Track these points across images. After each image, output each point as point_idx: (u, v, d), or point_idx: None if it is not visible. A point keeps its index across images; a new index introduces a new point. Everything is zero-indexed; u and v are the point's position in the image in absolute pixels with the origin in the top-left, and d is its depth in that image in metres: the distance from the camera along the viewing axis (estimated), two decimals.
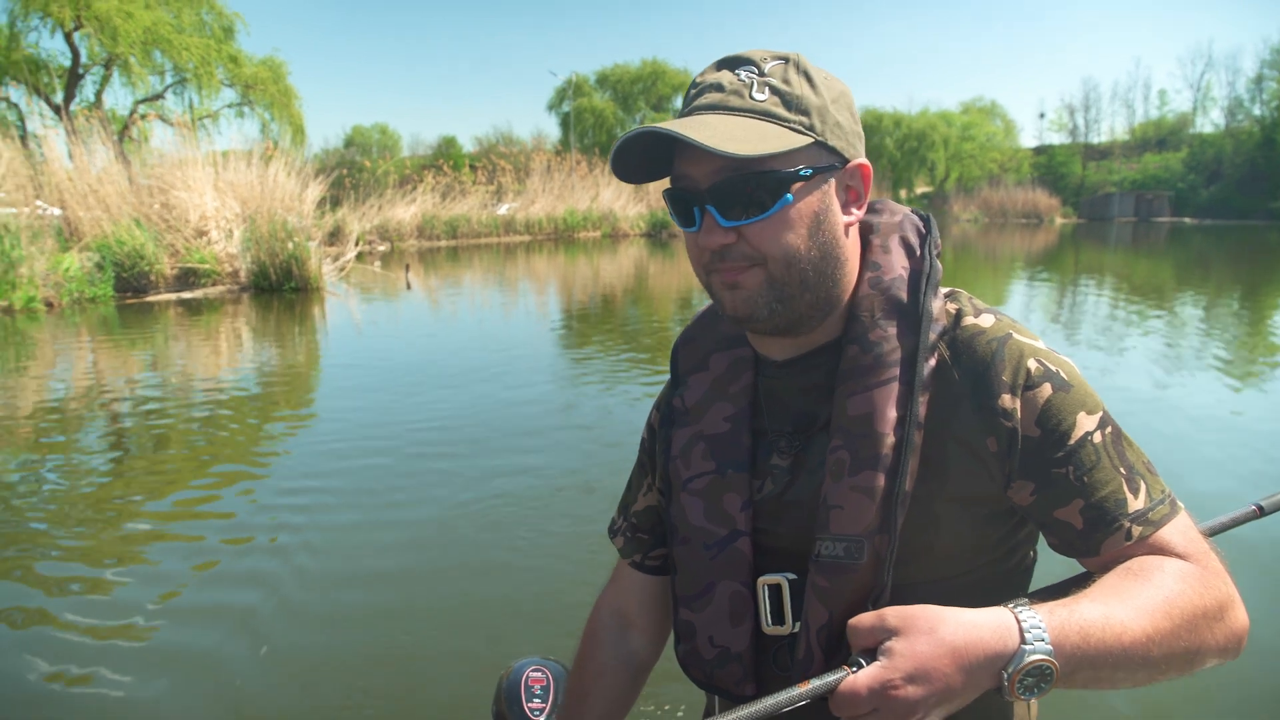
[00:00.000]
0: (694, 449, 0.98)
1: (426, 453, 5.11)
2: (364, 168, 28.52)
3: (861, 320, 0.90)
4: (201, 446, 5.39)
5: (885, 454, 0.84)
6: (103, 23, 21.42)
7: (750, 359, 0.99)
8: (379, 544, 3.79)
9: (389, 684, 2.68)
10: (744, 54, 0.88)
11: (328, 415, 6.19)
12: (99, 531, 4.00)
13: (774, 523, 0.93)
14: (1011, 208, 52.50)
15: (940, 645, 0.71)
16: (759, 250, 0.85)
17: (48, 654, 2.90)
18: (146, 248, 12.54)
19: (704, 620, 0.96)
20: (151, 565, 3.64)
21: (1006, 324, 0.89)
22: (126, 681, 2.73)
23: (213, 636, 3.00)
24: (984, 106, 62.05)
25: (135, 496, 4.47)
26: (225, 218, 13.62)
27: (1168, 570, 0.79)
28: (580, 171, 32.10)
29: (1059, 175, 59.73)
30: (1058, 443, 0.83)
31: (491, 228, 27.59)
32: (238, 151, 15.25)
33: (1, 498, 4.45)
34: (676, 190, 0.88)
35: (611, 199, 30.74)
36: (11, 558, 3.69)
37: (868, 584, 0.84)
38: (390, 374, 7.51)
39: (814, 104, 0.85)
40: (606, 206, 30.52)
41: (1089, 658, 0.73)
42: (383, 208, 24.66)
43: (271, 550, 3.75)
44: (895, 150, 49.65)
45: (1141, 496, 0.83)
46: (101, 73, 24.57)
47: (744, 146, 0.79)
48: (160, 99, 25.84)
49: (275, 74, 26.70)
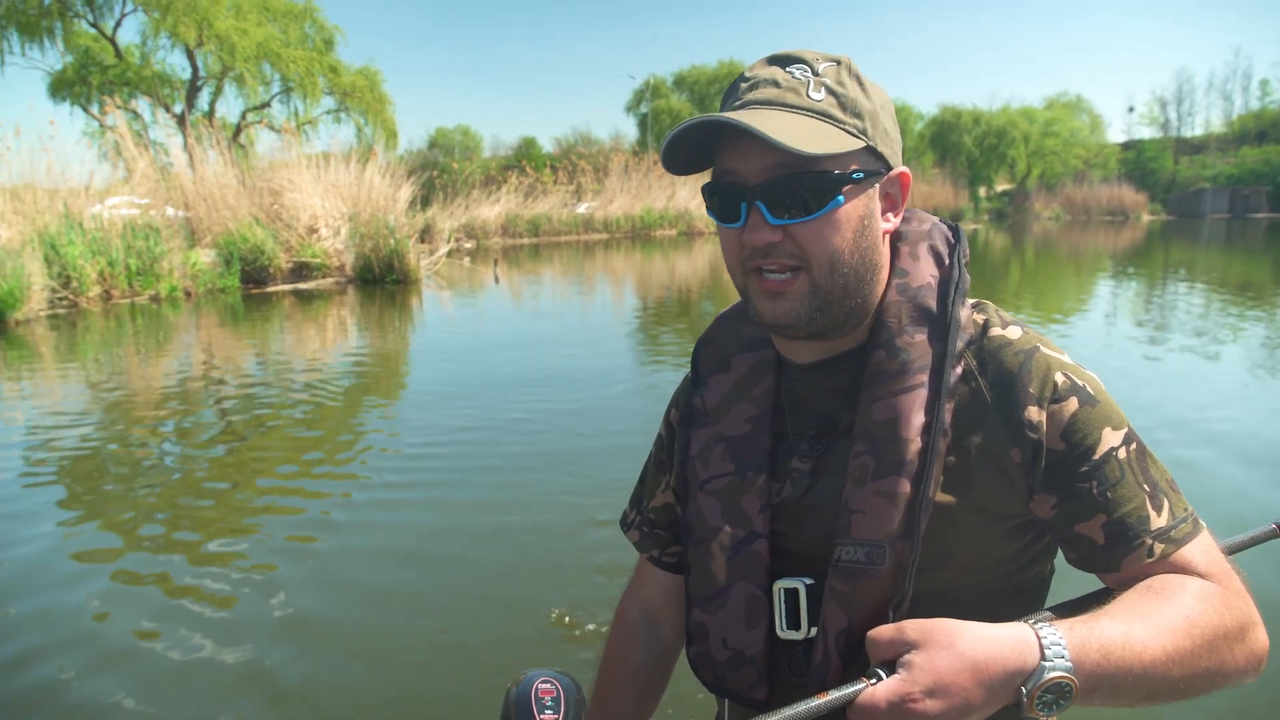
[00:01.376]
0: (713, 450, 0.98)
1: (505, 439, 5.32)
2: (451, 169, 29.93)
3: (889, 326, 0.90)
4: (310, 419, 6.04)
5: (909, 460, 0.84)
6: (222, 40, 23.45)
7: (773, 361, 0.99)
8: (414, 534, 3.88)
9: (397, 683, 2.66)
10: (794, 52, 0.87)
11: (419, 396, 6.78)
12: (203, 499, 4.36)
13: (793, 526, 0.92)
14: (1095, 205, 51.28)
15: (960, 660, 0.71)
16: (804, 251, 0.85)
17: (136, 609, 3.15)
18: (266, 244, 13.96)
19: (718, 622, 0.95)
20: (237, 538, 3.81)
21: (1033, 337, 0.89)
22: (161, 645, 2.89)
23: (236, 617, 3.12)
24: (1069, 101, 60.60)
25: (237, 472, 4.85)
26: (333, 216, 14.98)
27: (1189, 589, 0.78)
28: (657, 171, 32.90)
29: (1148, 171, 57.95)
30: (1082, 457, 0.83)
31: (571, 226, 28.74)
32: (335, 155, 16.50)
33: (132, 460, 5.14)
34: (721, 184, 0.87)
35: (687, 198, 31.51)
36: (127, 520, 4.02)
37: (888, 590, 0.84)
38: (478, 361, 8.15)
39: (866, 108, 0.86)
40: (682, 205, 31.28)
41: (1109, 676, 0.72)
42: (469, 207, 25.94)
43: (324, 526, 3.96)
44: (974, 147, 49.02)
45: (1164, 514, 0.83)
46: (215, 84, 26.65)
47: (805, 144, 0.79)
48: (267, 107, 27.84)
49: (371, 82, 28.42)
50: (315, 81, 26.36)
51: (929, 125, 51.17)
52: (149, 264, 12.38)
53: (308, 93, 26.42)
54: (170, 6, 22.64)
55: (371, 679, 2.67)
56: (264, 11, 25.52)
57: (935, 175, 45.90)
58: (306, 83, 26.02)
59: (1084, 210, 51.06)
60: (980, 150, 49.16)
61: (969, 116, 49.37)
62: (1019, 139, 49.15)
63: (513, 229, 26.96)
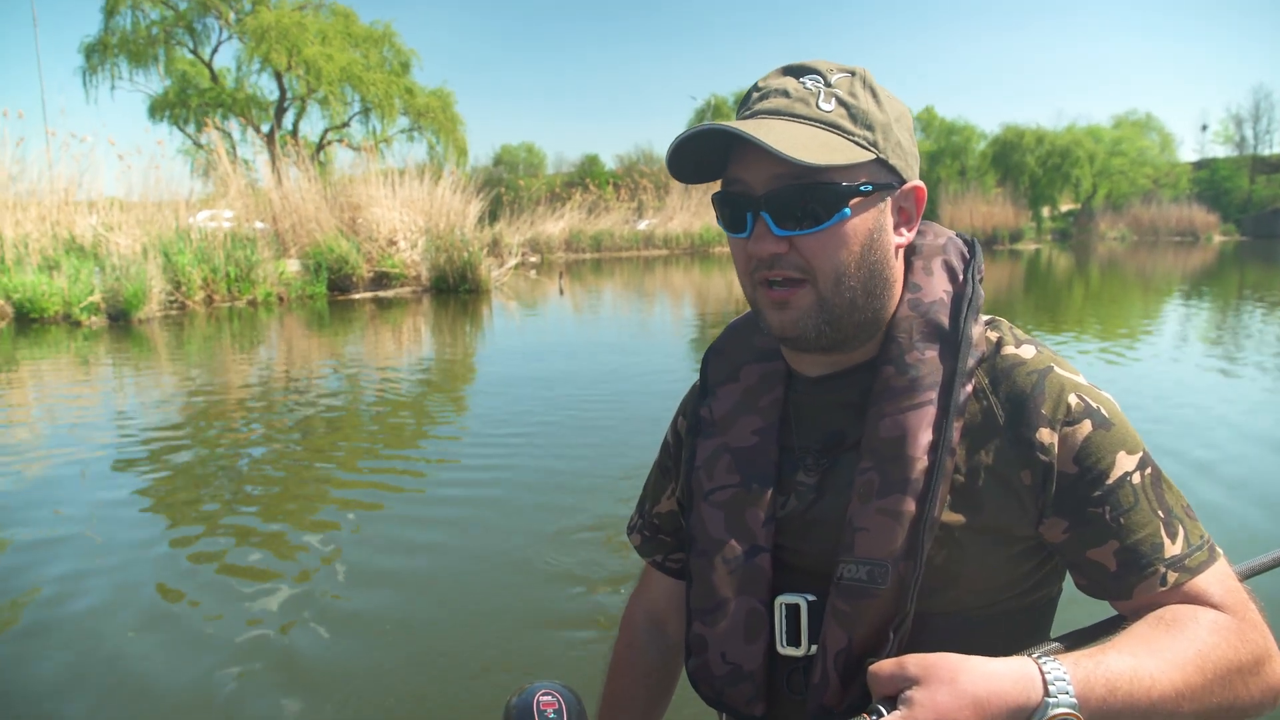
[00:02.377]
0: (719, 461, 0.97)
1: (563, 440, 5.52)
2: (517, 186, 31.17)
3: (899, 342, 0.89)
4: (383, 413, 6.66)
5: (915, 478, 0.83)
6: (309, 65, 25.15)
7: (783, 373, 0.98)
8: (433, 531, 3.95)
9: (408, 683, 2.71)
10: (809, 63, 0.87)
11: (486, 396, 7.33)
12: (274, 488, 4.70)
13: (796, 541, 0.91)
14: (1163, 225, 50.21)
15: (961, 696, 0.69)
16: (809, 263, 0.84)
17: (202, 591, 3.35)
18: (350, 255, 15.10)
19: (717, 636, 0.94)
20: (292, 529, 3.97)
21: (1048, 356, 0.87)
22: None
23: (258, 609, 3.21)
24: (1138, 120, 59.51)
25: (318, 464, 5.23)
26: (410, 230, 16.07)
27: (1202, 621, 0.77)
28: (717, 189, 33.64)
29: (1222, 190, 56.54)
30: (1095, 481, 0.81)
31: (632, 242, 29.67)
32: (410, 170, 17.54)
33: (221, 441, 5.76)
34: (729, 194, 0.87)
35: None
36: (210, 511, 4.25)
37: (889, 610, 0.83)
38: (541, 365, 8.66)
39: (879, 120, 0.85)
40: None
41: (1115, 712, 0.71)
42: (534, 223, 27.00)
43: (373, 518, 4.14)
44: (1037, 167, 48.62)
45: (1179, 542, 0.81)
46: (299, 105, 28.36)
47: (809, 154, 0.78)
48: (346, 126, 29.49)
49: (444, 103, 29.87)
50: (392, 103, 27.91)
51: (991, 145, 50.87)
52: (246, 272, 13.58)
53: (385, 113, 28.00)
54: (264, 35, 24.41)
55: (373, 683, 2.68)
56: (347, 37, 27.20)
57: (996, 195, 45.61)
58: (385, 104, 27.59)
59: (1151, 231, 50.05)
60: (1044, 170, 48.74)
61: (1032, 136, 48.98)
62: (1083, 158, 48.60)
63: (576, 244, 27.98)
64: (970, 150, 51.44)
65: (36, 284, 11.21)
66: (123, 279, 11.23)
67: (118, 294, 11.19)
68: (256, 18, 24.86)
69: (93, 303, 11.16)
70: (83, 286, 11.29)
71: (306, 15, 26.30)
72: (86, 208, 14.47)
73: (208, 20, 26.85)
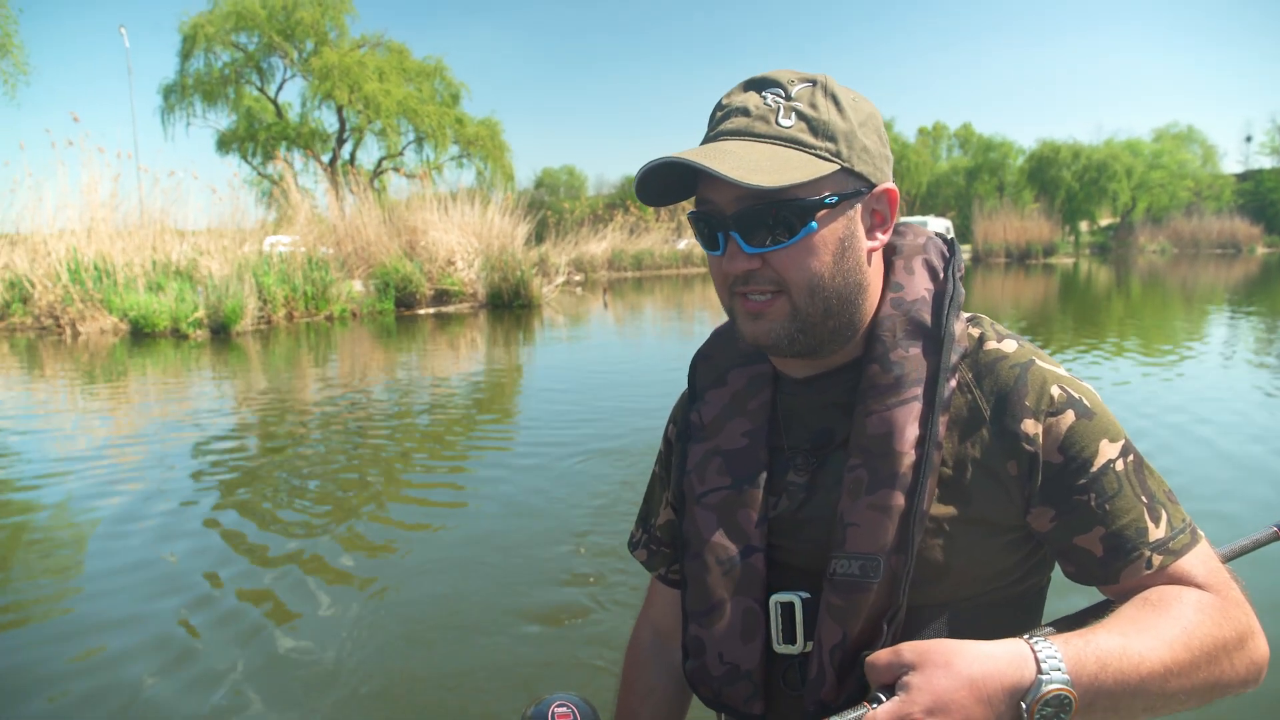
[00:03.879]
0: (710, 464, 0.99)
1: (608, 445, 5.70)
2: (561, 209, 32.67)
3: (883, 340, 0.90)
4: (445, 416, 7.48)
5: (904, 473, 0.85)
6: (369, 100, 27.00)
7: (770, 375, 1.00)
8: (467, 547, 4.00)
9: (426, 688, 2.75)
10: (771, 75, 0.88)
11: (539, 402, 7.99)
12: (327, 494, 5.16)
13: (789, 540, 0.93)
14: (1205, 237, 50.10)
15: (958, 678, 0.72)
16: (782, 277, 0.86)
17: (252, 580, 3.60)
18: (414, 275, 16.51)
19: (714, 636, 0.95)
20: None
21: (1029, 350, 0.89)
22: None
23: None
24: (1179, 133, 59.35)
25: (372, 454, 5.79)
26: (467, 251, 17.46)
27: (1187, 601, 0.79)
28: None
29: (1268, 202, 56.12)
30: (1080, 469, 0.83)
31: (671, 261, 30.97)
32: (461, 193, 18.95)
33: (301, 436, 6.59)
34: (701, 214, 0.89)
35: None
36: (267, 511, 4.52)
37: (883, 604, 0.84)
38: (587, 375, 9.42)
39: (841, 129, 0.85)
40: None
41: (1107, 688, 0.73)
42: (578, 243, 28.34)
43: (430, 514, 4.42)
44: (1073, 182, 48.90)
45: (1162, 525, 0.83)
46: (356, 136, 30.26)
47: (767, 177, 0.80)
48: (400, 155, 31.29)
49: (492, 132, 31.60)
50: (445, 133, 29.79)
51: (1028, 160, 51.28)
52: (321, 290, 15.03)
53: (439, 143, 29.73)
54: (329, 74, 26.37)
55: (388, 692, 2.72)
56: (401, 72, 29.05)
57: (1032, 211, 45.95)
58: (438, 134, 29.37)
59: (1192, 243, 49.95)
60: (1080, 185, 48.98)
61: (1068, 151, 49.27)
62: (1120, 172, 48.76)
63: (618, 263, 29.32)
64: (1009, 166, 51.89)
65: (148, 303, 12.79)
66: (223, 297, 12.71)
67: (219, 310, 12.68)
68: (321, 58, 26.99)
69: (197, 318, 12.65)
70: (188, 304, 12.84)
71: (365, 54, 28.41)
72: (177, 235, 16.11)
73: (272, 60, 28.97)
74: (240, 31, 27.75)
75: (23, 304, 14.04)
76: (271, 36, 27.39)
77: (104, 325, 13.06)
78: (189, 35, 27.37)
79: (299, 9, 27.13)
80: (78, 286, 13.46)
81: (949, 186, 51.69)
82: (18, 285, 14.11)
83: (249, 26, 27.40)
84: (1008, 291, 21.73)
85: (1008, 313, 15.08)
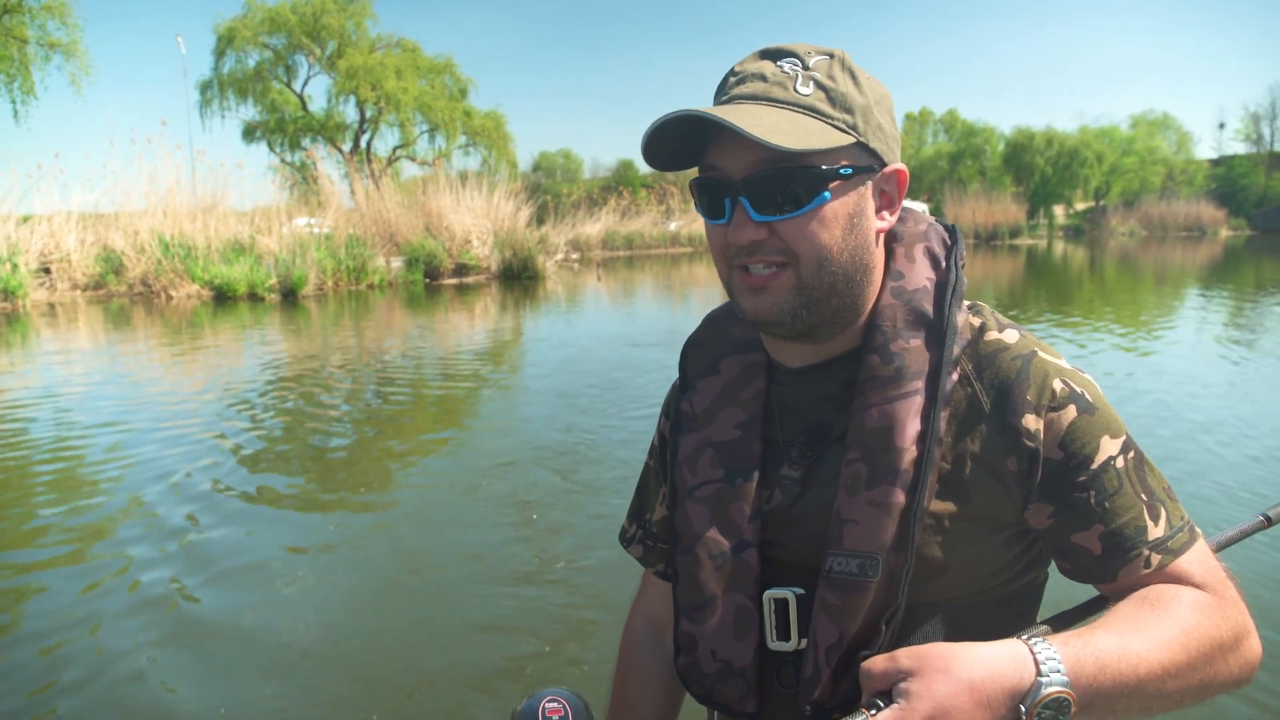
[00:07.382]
0: (701, 456, 0.96)
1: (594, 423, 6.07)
2: (560, 193, 35.74)
3: (883, 330, 0.88)
4: (461, 376, 9.28)
5: (904, 469, 0.83)
6: (389, 97, 30.06)
7: (763, 364, 0.97)
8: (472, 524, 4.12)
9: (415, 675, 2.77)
10: (787, 46, 0.86)
11: (542, 364, 9.42)
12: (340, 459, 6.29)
13: (783, 535, 0.91)
14: (1173, 221, 52.24)
15: (957, 683, 0.71)
16: (791, 247, 0.83)
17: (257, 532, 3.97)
18: (437, 251, 19.46)
19: (706, 633, 0.93)
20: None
21: (1031, 341, 0.87)
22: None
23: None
24: (1155, 119, 61.43)
25: (390, 438, 6.46)
26: (482, 231, 20.41)
27: (1184, 601, 0.79)
28: None
29: (1239, 187, 58.24)
30: (1080, 466, 0.82)
31: (661, 241, 33.69)
32: (469, 179, 21.59)
33: (328, 386, 8.51)
34: (706, 180, 0.86)
35: None
36: (286, 490, 4.96)
37: (881, 602, 0.83)
38: (585, 339, 11.18)
39: (858, 103, 0.84)
40: None
41: (1105, 689, 0.72)
42: (574, 225, 30.91)
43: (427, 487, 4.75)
44: (1046, 167, 51.12)
45: (1162, 524, 0.82)
46: (373, 128, 33.26)
47: (787, 139, 0.77)
48: (413, 144, 34.28)
49: (497, 123, 34.67)
50: (455, 125, 32.77)
51: (1006, 146, 53.39)
52: (361, 265, 17.98)
53: (449, 134, 32.77)
54: (354, 74, 29.47)
55: (377, 687, 2.70)
56: (415, 69, 32.03)
57: (1009, 194, 48.13)
58: (449, 126, 32.39)
59: (1160, 226, 52.11)
60: (1054, 170, 51.24)
61: (1042, 138, 51.38)
62: (1091, 158, 51.06)
63: (611, 243, 32.06)
64: (991, 151, 54.14)
65: (229, 273, 15.76)
66: (291, 267, 15.72)
67: (288, 278, 15.70)
68: (347, 60, 30.15)
69: (271, 284, 15.63)
70: (263, 273, 15.85)
71: (384, 55, 31.63)
72: (235, 216, 19.03)
73: (297, 58, 31.97)
74: (271, 34, 30.78)
75: (115, 275, 16.93)
76: (300, 38, 30.36)
77: (189, 291, 16.00)
78: (224, 36, 30.47)
79: (325, 14, 30.14)
80: (168, 259, 16.37)
81: (933, 171, 53.33)
82: (112, 259, 16.99)
83: (280, 29, 30.45)
84: (977, 269, 24.24)
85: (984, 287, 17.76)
